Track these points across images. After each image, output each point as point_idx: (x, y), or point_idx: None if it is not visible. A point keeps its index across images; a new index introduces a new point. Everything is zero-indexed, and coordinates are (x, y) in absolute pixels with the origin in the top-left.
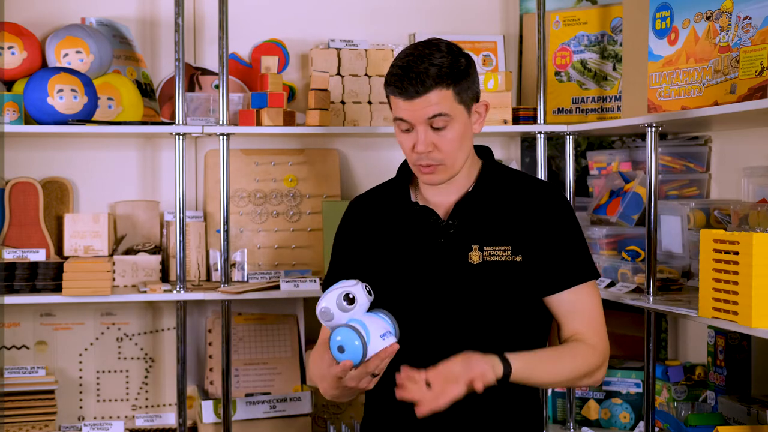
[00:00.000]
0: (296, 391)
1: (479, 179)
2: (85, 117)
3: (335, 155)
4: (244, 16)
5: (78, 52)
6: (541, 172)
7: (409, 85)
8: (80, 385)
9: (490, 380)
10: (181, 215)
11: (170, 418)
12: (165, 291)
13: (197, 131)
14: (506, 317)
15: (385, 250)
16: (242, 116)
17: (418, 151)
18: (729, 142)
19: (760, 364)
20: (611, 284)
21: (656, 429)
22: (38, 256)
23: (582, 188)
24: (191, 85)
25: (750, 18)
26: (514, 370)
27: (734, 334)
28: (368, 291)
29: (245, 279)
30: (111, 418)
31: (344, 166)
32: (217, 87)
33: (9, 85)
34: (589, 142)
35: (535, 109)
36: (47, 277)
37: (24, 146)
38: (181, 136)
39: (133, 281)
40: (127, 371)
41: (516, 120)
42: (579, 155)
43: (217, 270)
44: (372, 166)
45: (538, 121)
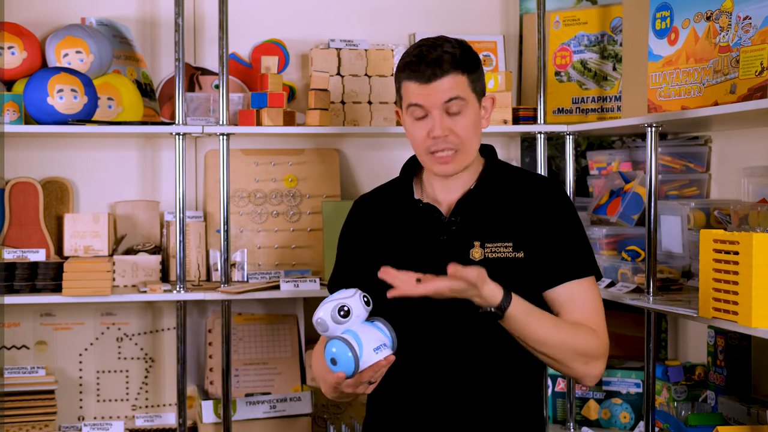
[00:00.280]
0: (296, 391)
1: (482, 176)
2: (85, 117)
3: (335, 155)
4: (244, 16)
5: (78, 52)
6: (541, 172)
7: (426, 68)
8: (80, 385)
9: (488, 293)
10: (181, 215)
11: (170, 418)
12: (165, 291)
13: (197, 131)
14: None
15: (388, 247)
16: (242, 116)
17: (435, 136)
18: (729, 142)
19: (760, 364)
20: (611, 284)
21: (656, 429)
22: (38, 256)
23: (582, 188)
24: (191, 85)
25: (750, 18)
26: (514, 304)
27: (734, 334)
28: (366, 301)
29: (245, 279)
30: (111, 418)
31: (344, 166)
32: (217, 87)
33: (9, 85)
34: (589, 142)
35: (535, 109)
36: (47, 277)
37: (24, 146)
38: (181, 136)
39: (133, 281)
40: (127, 371)
41: (516, 120)
42: (579, 155)
43: (217, 270)
44: (372, 166)
45: (538, 121)
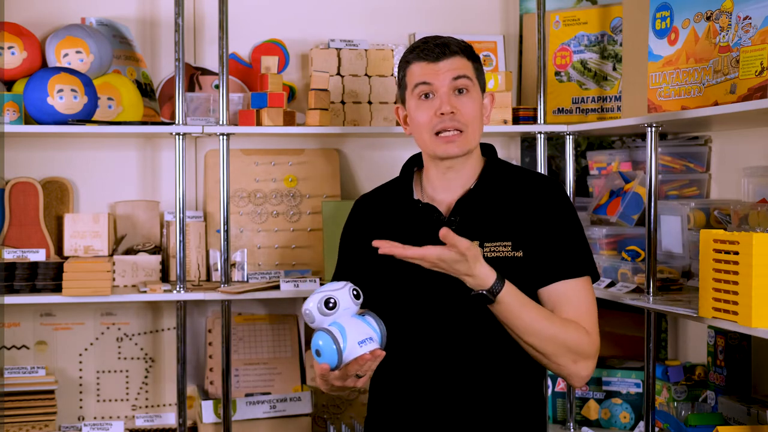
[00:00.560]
0: (296, 391)
1: (481, 176)
2: (85, 117)
3: (335, 155)
4: (244, 16)
5: (78, 52)
6: (541, 172)
7: (435, 47)
8: (80, 385)
9: (480, 273)
10: (181, 215)
11: (170, 418)
12: (165, 291)
13: (197, 131)
14: None
15: None
16: (242, 116)
17: (443, 112)
18: (729, 142)
19: (760, 364)
20: (611, 284)
21: (656, 429)
22: (38, 256)
23: (582, 188)
24: (191, 85)
25: (750, 18)
26: (506, 290)
27: (734, 334)
28: (355, 294)
29: (245, 279)
30: (111, 418)
31: (344, 166)
32: (217, 87)
33: (9, 85)
34: (589, 142)
35: (535, 109)
36: (47, 277)
37: (24, 146)
38: (181, 136)
39: (133, 281)
40: (127, 371)
41: (516, 120)
42: (579, 155)
43: (217, 270)
44: (372, 166)
45: (538, 121)
